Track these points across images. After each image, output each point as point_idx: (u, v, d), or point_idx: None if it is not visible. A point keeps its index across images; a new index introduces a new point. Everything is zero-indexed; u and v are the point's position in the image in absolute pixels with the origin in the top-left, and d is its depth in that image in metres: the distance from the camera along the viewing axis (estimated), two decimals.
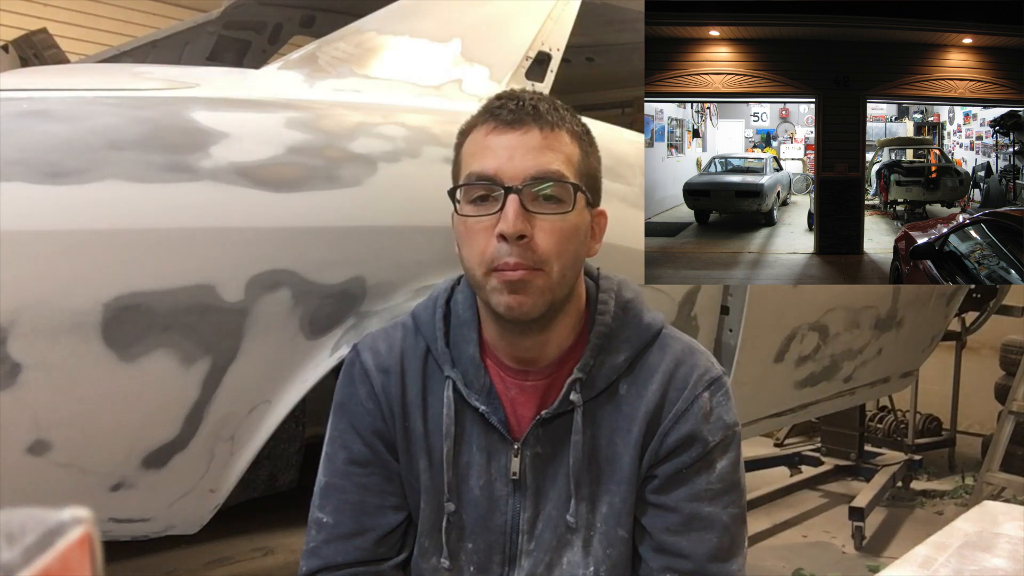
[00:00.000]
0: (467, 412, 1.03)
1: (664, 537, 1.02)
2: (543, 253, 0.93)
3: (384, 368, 1.05)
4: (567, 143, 0.98)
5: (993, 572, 0.86)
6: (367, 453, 1.06)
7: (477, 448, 1.04)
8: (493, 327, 1.02)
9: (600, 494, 1.03)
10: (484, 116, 0.99)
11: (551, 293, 0.95)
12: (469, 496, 1.04)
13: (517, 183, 0.93)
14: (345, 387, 1.08)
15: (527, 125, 0.95)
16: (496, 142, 0.96)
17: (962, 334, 4.10)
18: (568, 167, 0.96)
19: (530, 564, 1.04)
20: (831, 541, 3.26)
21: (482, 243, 0.94)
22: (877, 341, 2.55)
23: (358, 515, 1.06)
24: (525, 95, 0.99)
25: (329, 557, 1.05)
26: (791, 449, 4.29)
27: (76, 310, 1.03)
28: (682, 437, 1.01)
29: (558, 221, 0.95)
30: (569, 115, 1.00)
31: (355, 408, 1.06)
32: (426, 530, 1.06)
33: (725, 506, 1.02)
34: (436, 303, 1.06)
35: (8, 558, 0.31)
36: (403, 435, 1.05)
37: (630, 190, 1.62)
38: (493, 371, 1.04)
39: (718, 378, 1.04)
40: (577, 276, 1.01)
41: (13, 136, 1.04)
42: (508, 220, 0.92)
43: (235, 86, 1.29)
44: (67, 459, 1.09)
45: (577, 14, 1.71)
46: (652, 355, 1.04)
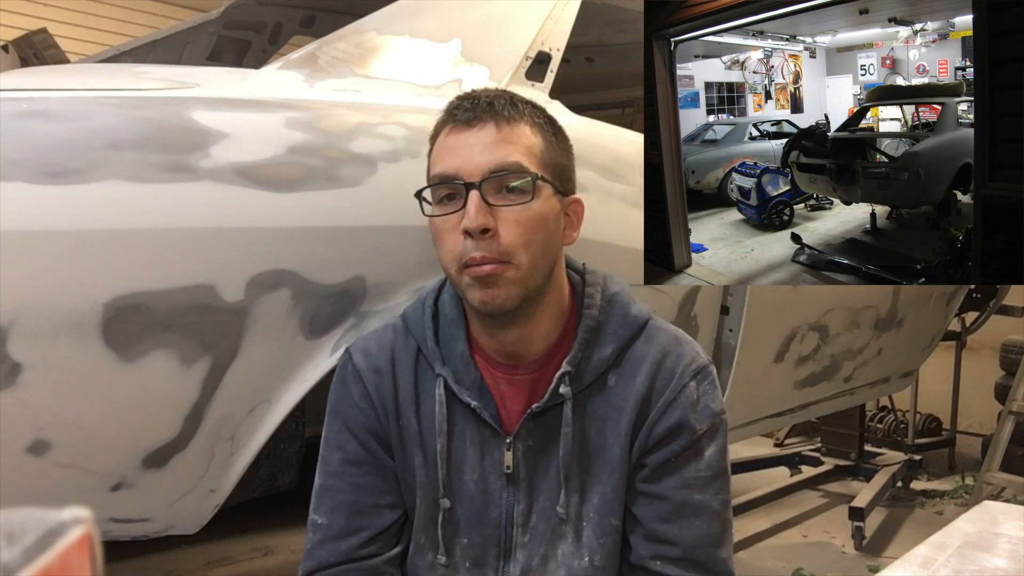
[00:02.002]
0: (459, 408, 1.05)
1: (655, 525, 1.03)
2: (508, 245, 0.96)
3: (376, 368, 1.07)
4: (526, 135, 1.00)
5: (993, 572, 0.86)
6: (362, 452, 1.07)
7: (471, 443, 1.05)
8: (477, 322, 1.04)
9: (591, 484, 1.05)
10: (444, 118, 1.02)
11: (523, 284, 0.98)
12: (464, 491, 1.06)
13: (476, 179, 0.96)
14: (338, 389, 1.10)
15: (483, 121, 0.99)
16: (455, 141, 0.99)
17: (962, 334, 4.11)
18: (528, 158, 0.99)
19: (525, 556, 1.05)
20: (831, 541, 3.26)
21: (451, 241, 0.98)
22: (877, 341, 2.55)
23: (352, 515, 1.07)
24: (481, 93, 1.02)
25: (323, 558, 1.06)
26: (791, 449, 4.30)
27: (76, 310, 1.03)
28: (670, 426, 1.02)
29: (522, 211, 0.97)
30: (528, 108, 1.03)
31: (348, 409, 1.08)
32: (421, 526, 1.08)
33: (715, 492, 1.04)
34: (424, 303, 1.09)
35: (8, 558, 0.31)
36: (397, 433, 1.07)
37: (630, 190, 1.62)
38: (483, 367, 1.05)
39: (704, 367, 1.06)
40: (552, 265, 1.02)
41: (13, 136, 1.04)
42: (470, 216, 0.95)
43: (235, 86, 1.29)
44: (67, 459, 1.09)
45: (577, 14, 1.71)
46: (639, 346, 1.05)
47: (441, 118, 1.03)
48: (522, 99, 1.03)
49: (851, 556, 3.11)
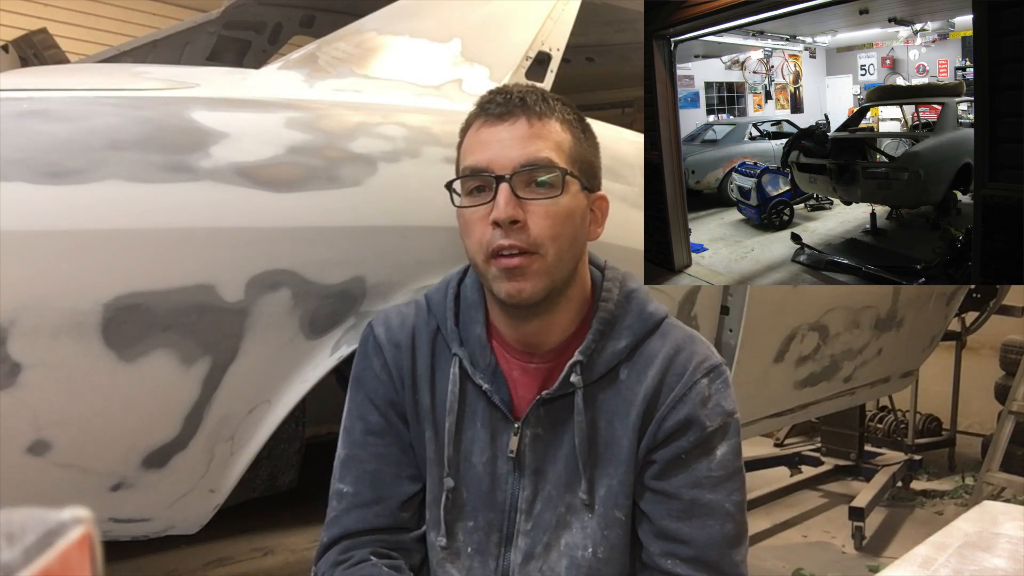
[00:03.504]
0: (472, 390, 1.07)
1: (665, 523, 1.03)
2: (537, 236, 0.98)
3: (396, 342, 1.09)
4: (556, 131, 1.02)
5: (993, 572, 0.86)
6: (383, 423, 1.09)
7: (481, 425, 1.07)
8: (498, 312, 1.06)
9: (598, 477, 1.05)
10: (476, 112, 1.04)
11: (550, 277, 0.99)
12: (472, 473, 1.07)
13: (507, 172, 0.98)
14: (360, 360, 1.12)
15: (515, 116, 1.00)
16: (487, 135, 1.01)
17: (962, 334, 4.10)
18: (558, 153, 1.00)
19: (527, 544, 1.06)
20: (831, 541, 3.26)
21: (479, 232, 0.99)
22: (877, 341, 2.55)
23: (376, 484, 1.08)
24: (514, 88, 1.04)
25: (349, 525, 1.07)
26: (791, 449, 4.30)
27: (76, 310, 1.03)
28: (679, 421, 1.03)
29: (550, 205, 0.99)
30: (559, 105, 1.05)
31: (370, 380, 1.10)
32: (429, 502, 1.09)
33: (728, 493, 1.03)
34: (448, 285, 1.11)
35: (8, 558, 0.31)
36: (413, 407, 1.09)
37: (630, 190, 1.62)
38: (499, 352, 1.07)
39: (717, 366, 1.07)
40: (577, 259, 1.04)
41: (13, 136, 1.04)
42: (500, 207, 0.97)
43: (235, 86, 1.29)
44: (67, 459, 1.09)
45: (577, 14, 1.71)
46: (653, 342, 1.06)
47: (473, 111, 1.05)
48: (553, 95, 1.05)
49: (851, 556, 3.11)
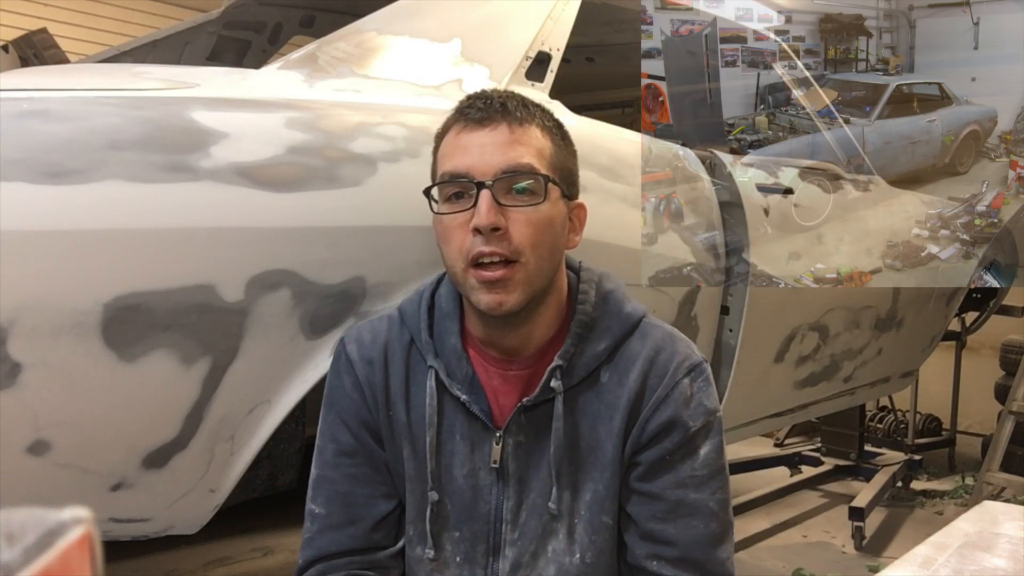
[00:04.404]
0: (450, 402, 1.05)
1: (650, 524, 1.03)
2: (518, 244, 0.96)
3: (368, 359, 1.07)
4: (537, 137, 1.00)
5: (993, 572, 0.86)
6: (354, 443, 1.08)
7: (460, 437, 1.05)
8: (476, 321, 1.04)
9: (583, 481, 1.04)
10: (455, 117, 1.02)
11: (530, 286, 0.98)
12: (453, 485, 1.05)
13: (488, 178, 0.96)
14: (332, 379, 1.10)
15: (496, 122, 0.99)
16: (467, 140, 0.99)
17: (962, 334, 4.10)
18: (539, 160, 0.99)
19: (515, 553, 1.05)
20: (831, 541, 3.26)
21: (459, 239, 0.98)
22: (877, 341, 2.55)
23: (349, 506, 1.07)
24: (493, 94, 1.02)
25: (323, 547, 1.07)
26: (791, 449, 4.29)
27: (76, 310, 1.03)
28: (663, 423, 1.02)
29: (532, 212, 0.97)
30: (539, 111, 1.03)
31: (341, 399, 1.08)
32: (411, 519, 1.08)
33: (712, 492, 1.03)
34: (422, 296, 1.09)
35: (8, 558, 0.31)
36: (387, 424, 1.07)
37: (630, 190, 1.62)
38: (476, 361, 1.05)
39: (698, 364, 1.06)
40: (556, 268, 1.03)
41: (13, 136, 1.04)
42: (481, 214, 0.95)
43: (235, 86, 1.29)
44: (67, 459, 1.09)
45: (577, 14, 1.71)
46: (633, 343, 1.05)
47: (451, 116, 1.03)
48: (532, 102, 1.04)
49: (851, 556, 3.11)
